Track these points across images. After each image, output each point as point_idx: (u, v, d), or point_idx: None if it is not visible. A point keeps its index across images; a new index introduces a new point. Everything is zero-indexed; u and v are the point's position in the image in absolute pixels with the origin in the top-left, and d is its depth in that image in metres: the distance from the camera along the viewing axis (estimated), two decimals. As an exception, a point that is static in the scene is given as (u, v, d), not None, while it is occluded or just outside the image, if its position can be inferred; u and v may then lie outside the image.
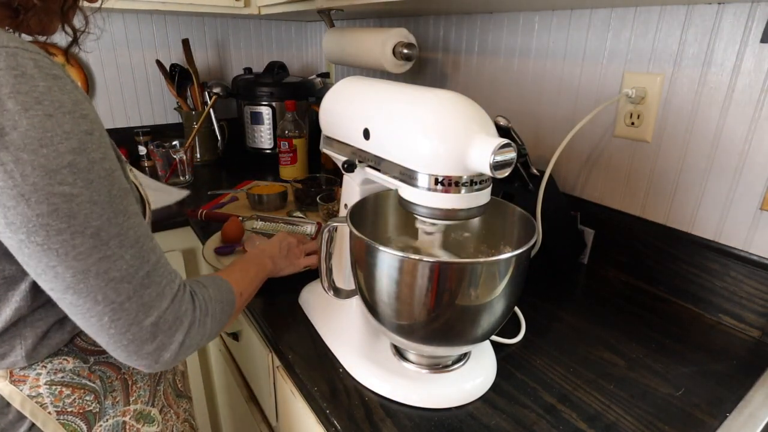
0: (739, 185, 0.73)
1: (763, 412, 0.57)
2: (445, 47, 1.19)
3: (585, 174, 0.94)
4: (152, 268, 0.46)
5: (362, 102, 0.60)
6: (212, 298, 0.55)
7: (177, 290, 0.49)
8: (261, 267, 0.72)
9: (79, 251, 0.40)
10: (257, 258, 0.74)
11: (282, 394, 0.75)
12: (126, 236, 0.43)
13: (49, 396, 0.51)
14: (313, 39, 1.80)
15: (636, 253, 0.86)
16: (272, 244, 0.80)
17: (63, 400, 0.52)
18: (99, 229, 0.41)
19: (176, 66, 1.51)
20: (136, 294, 0.44)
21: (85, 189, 0.40)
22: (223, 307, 0.56)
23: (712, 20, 0.71)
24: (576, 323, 0.75)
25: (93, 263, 0.41)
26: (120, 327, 0.44)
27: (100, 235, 0.41)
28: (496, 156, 0.45)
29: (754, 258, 0.72)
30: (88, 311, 0.43)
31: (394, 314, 0.54)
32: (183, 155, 1.32)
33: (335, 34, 1.25)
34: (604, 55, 0.86)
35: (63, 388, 0.52)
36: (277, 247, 0.79)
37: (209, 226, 1.06)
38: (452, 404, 0.57)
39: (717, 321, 0.76)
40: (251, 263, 0.71)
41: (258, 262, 0.73)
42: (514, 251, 0.49)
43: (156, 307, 0.46)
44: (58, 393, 0.52)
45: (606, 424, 0.55)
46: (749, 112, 0.70)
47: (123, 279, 0.43)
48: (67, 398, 0.52)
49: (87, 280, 0.42)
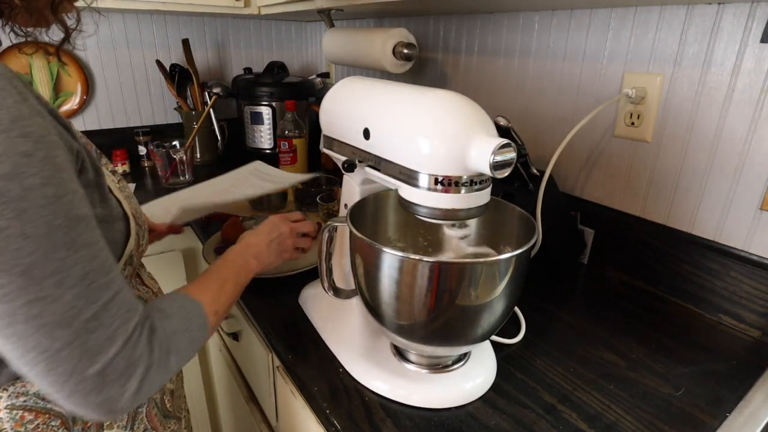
0: (739, 185, 0.73)
1: (763, 412, 0.57)
2: (445, 47, 1.19)
3: (585, 174, 0.94)
4: (101, 308, 0.40)
5: (362, 102, 0.60)
6: (177, 331, 0.48)
7: (132, 332, 0.42)
8: (243, 271, 0.64)
9: (5, 292, 0.35)
10: (240, 260, 0.66)
11: (282, 394, 0.75)
12: (68, 273, 0.37)
13: (10, 421, 0.46)
14: (313, 39, 1.80)
15: (636, 253, 0.86)
16: (260, 238, 0.70)
17: (25, 425, 0.47)
18: (31, 266, 0.36)
19: (176, 66, 1.51)
20: (77, 340, 0.38)
21: (14, 220, 0.35)
22: (192, 337, 0.50)
23: (712, 20, 0.71)
24: (576, 323, 0.75)
25: (21, 305, 0.36)
26: (58, 377, 0.38)
27: (32, 274, 0.36)
28: (496, 156, 0.45)
29: (754, 258, 0.72)
30: (19, 358, 0.38)
31: (394, 314, 0.54)
32: (183, 155, 1.32)
33: (335, 34, 1.25)
34: (604, 55, 0.86)
35: (25, 412, 0.47)
36: (265, 241, 0.70)
37: (209, 226, 1.06)
38: (452, 404, 0.57)
39: (717, 321, 0.76)
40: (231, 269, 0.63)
41: (240, 266, 0.65)
42: (514, 251, 0.49)
43: (103, 353, 0.40)
44: (20, 418, 0.47)
45: (606, 424, 0.55)
46: (749, 112, 0.70)
47: (60, 323, 0.37)
48: (30, 423, 0.47)
49: (14, 325, 0.36)
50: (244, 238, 0.71)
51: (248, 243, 0.69)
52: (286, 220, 0.75)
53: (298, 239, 0.75)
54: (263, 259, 0.69)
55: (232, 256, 0.66)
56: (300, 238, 0.75)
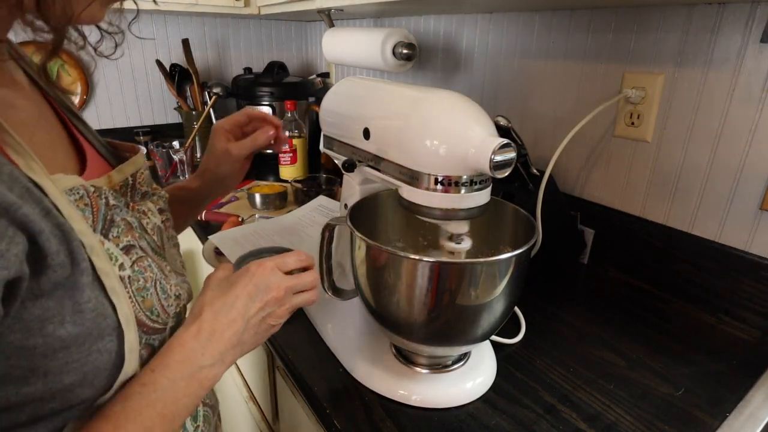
0: (739, 185, 0.73)
1: (763, 412, 0.57)
2: (445, 47, 1.19)
3: (585, 174, 0.94)
4: None
5: (362, 102, 0.60)
6: None
7: None
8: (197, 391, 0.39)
9: None
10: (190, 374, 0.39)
11: (282, 394, 0.75)
12: None
13: None
14: (313, 39, 1.80)
15: (636, 253, 0.86)
16: (235, 307, 0.43)
17: None
18: None
19: (176, 66, 1.51)
20: None
21: None
22: None
23: (712, 20, 0.71)
24: (576, 323, 0.75)
25: None
26: None
27: None
28: (496, 156, 0.45)
29: (754, 258, 0.72)
30: None
31: (394, 314, 0.54)
32: (183, 155, 1.32)
33: (335, 34, 1.25)
34: (604, 55, 0.86)
35: None
36: (245, 316, 0.43)
37: (209, 226, 1.06)
38: (452, 404, 0.57)
39: (717, 321, 0.76)
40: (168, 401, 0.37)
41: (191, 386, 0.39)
42: (514, 251, 0.49)
43: None
44: None
45: (606, 424, 0.55)
46: (749, 112, 0.70)
47: None
48: None
49: None
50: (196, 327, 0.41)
51: (202, 331, 0.41)
52: (274, 270, 0.46)
53: (296, 297, 0.48)
54: (236, 354, 0.43)
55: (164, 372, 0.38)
56: (299, 296, 0.49)
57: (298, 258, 0.49)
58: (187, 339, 0.40)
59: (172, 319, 0.43)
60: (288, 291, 0.47)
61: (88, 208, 0.36)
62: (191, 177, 0.69)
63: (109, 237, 0.37)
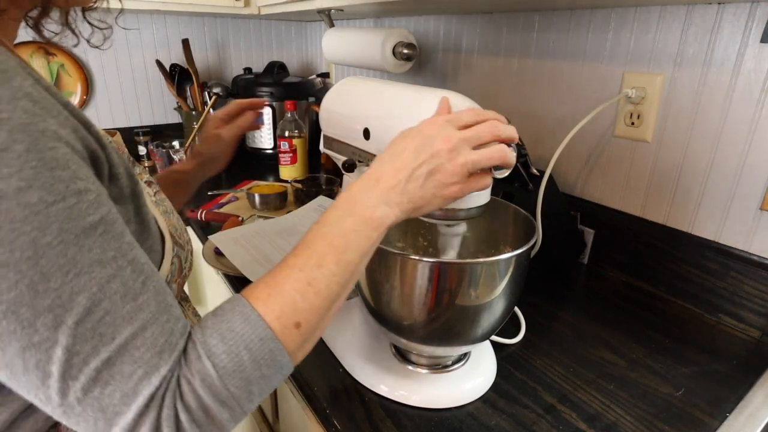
0: (739, 185, 0.73)
1: (763, 412, 0.57)
2: (445, 47, 1.19)
3: (585, 174, 0.94)
4: (117, 351, 0.30)
5: (362, 102, 0.60)
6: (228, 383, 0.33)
7: (157, 388, 0.31)
8: (364, 230, 0.40)
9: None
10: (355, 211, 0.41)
11: (282, 394, 0.75)
12: (67, 308, 0.29)
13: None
14: (313, 39, 1.80)
15: (636, 253, 0.86)
16: (394, 164, 0.42)
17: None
18: (15, 303, 0.27)
19: (176, 66, 1.51)
20: (87, 396, 0.30)
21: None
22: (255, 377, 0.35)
23: (712, 20, 0.71)
24: (576, 323, 0.75)
25: (15, 354, 0.28)
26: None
27: (18, 314, 0.28)
28: (496, 156, 0.45)
29: (754, 258, 0.72)
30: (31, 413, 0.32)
31: (394, 314, 0.54)
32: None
33: (335, 34, 1.25)
34: (604, 55, 0.86)
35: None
36: (405, 172, 0.41)
37: (209, 226, 1.06)
38: (452, 404, 0.57)
39: (717, 321, 0.76)
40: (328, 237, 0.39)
41: (357, 224, 0.40)
42: (514, 251, 0.49)
43: (121, 416, 0.30)
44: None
45: (606, 424, 0.55)
46: (749, 112, 0.69)
47: (64, 375, 0.29)
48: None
49: (16, 377, 0.29)
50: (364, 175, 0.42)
51: (376, 174, 0.42)
52: (445, 124, 0.43)
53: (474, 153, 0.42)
54: (403, 202, 0.41)
55: (333, 212, 0.41)
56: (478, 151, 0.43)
57: (474, 112, 0.45)
58: (354, 185, 0.42)
59: (183, 239, 0.47)
60: (461, 142, 0.42)
61: (123, 150, 0.45)
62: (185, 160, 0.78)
63: (136, 172, 0.44)
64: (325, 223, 0.40)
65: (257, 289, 0.37)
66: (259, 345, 0.35)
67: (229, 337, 0.34)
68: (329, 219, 0.40)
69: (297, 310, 0.37)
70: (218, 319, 0.36)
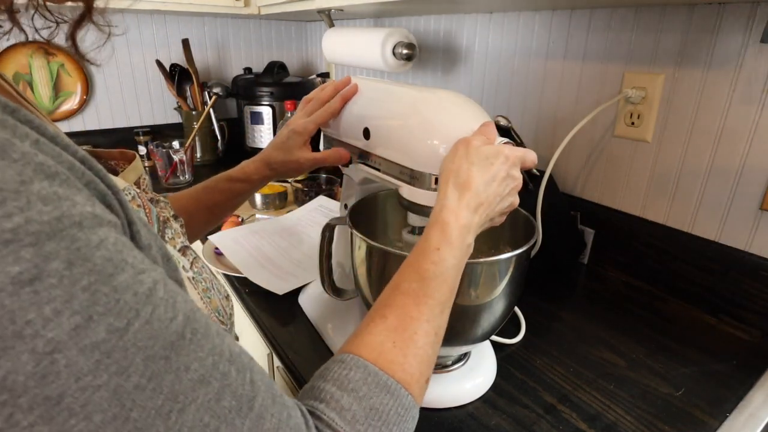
0: (739, 185, 0.73)
1: (763, 412, 0.57)
2: (445, 47, 1.19)
3: (585, 174, 0.94)
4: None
5: (362, 102, 0.60)
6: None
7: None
8: (462, 263, 0.40)
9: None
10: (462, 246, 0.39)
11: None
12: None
13: None
14: (313, 39, 1.80)
15: (636, 253, 0.86)
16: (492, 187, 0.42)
17: None
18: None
19: (176, 66, 1.51)
20: None
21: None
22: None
23: (712, 20, 0.71)
24: (576, 323, 0.75)
25: None
26: None
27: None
28: (497, 156, 0.45)
29: (754, 258, 0.72)
30: None
31: (394, 314, 0.54)
32: (183, 155, 1.32)
33: (335, 34, 1.25)
34: (604, 55, 0.86)
35: None
36: (493, 205, 0.42)
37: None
38: (452, 404, 0.57)
39: (717, 321, 0.76)
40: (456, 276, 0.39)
41: (462, 259, 0.40)
42: (514, 251, 0.49)
43: None
44: None
45: (606, 424, 0.55)
46: (749, 112, 0.69)
47: None
48: None
49: None
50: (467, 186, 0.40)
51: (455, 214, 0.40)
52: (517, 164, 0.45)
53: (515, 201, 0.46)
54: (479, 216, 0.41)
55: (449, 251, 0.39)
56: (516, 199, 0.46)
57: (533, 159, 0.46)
58: (461, 210, 0.40)
59: (229, 320, 0.40)
60: (518, 187, 0.45)
61: (142, 210, 0.32)
62: (249, 169, 0.64)
63: (165, 239, 0.34)
64: (445, 267, 0.38)
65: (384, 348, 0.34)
66: (404, 413, 0.34)
67: (375, 418, 0.32)
68: (444, 257, 0.38)
69: (430, 366, 0.35)
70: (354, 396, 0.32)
